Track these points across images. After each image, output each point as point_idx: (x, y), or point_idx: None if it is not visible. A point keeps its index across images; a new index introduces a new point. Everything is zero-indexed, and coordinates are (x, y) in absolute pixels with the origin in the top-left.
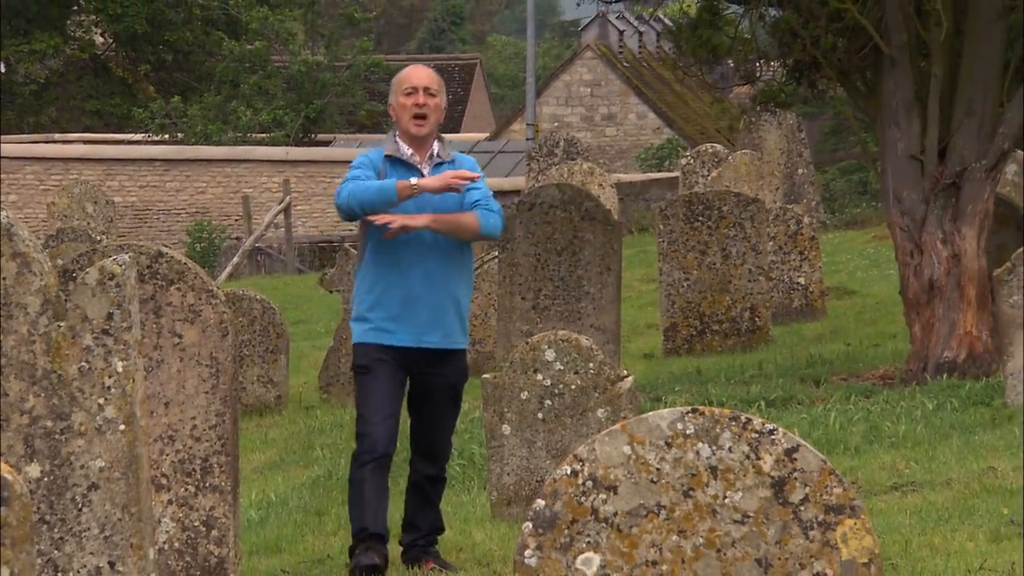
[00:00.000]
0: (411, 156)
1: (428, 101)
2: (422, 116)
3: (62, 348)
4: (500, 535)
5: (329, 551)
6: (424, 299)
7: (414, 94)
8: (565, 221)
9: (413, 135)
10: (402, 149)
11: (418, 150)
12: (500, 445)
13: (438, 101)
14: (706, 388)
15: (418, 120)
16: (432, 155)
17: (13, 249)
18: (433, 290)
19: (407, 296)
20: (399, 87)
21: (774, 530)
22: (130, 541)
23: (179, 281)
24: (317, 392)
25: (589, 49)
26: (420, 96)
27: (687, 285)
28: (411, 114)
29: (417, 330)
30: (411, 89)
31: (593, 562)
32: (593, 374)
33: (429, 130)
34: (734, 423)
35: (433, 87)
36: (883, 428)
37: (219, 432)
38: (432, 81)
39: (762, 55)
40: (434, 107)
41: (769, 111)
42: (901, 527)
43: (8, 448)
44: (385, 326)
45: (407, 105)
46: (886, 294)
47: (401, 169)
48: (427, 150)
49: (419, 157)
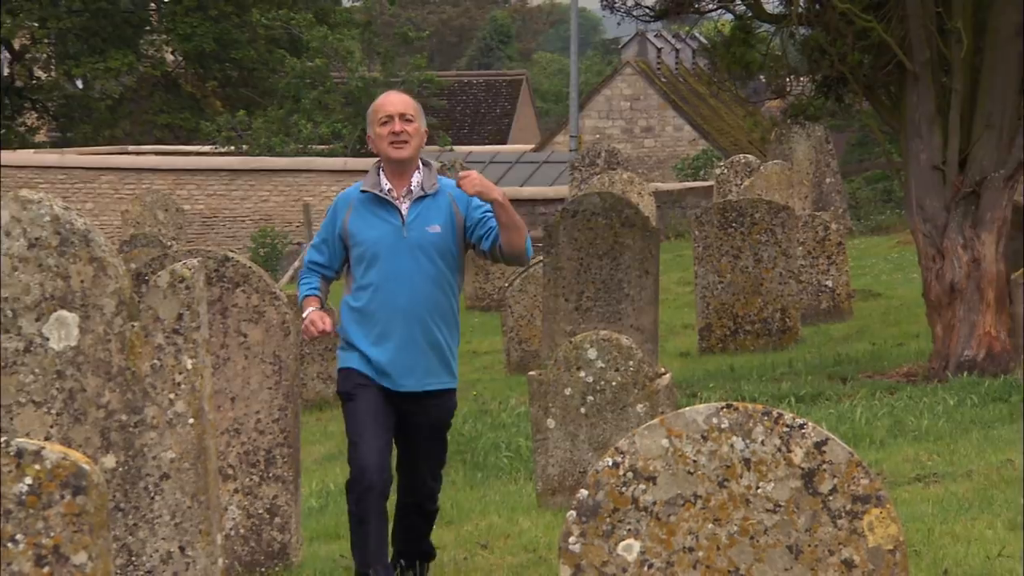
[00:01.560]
0: (388, 192)
1: (406, 127)
2: (402, 141)
3: (136, 346)
4: (545, 523)
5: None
6: (397, 339)
7: (390, 122)
8: (606, 227)
9: (395, 160)
10: (381, 184)
11: (398, 182)
12: (545, 438)
13: (416, 126)
14: (739, 385)
15: (397, 145)
16: (411, 188)
17: (91, 254)
18: (408, 330)
19: (382, 336)
20: (374, 117)
21: (804, 519)
22: (199, 527)
23: (244, 284)
24: None
25: (629, 65)
26: (396, 123)
27: (721, 288)
28: (388, 141)
29: (390, 374)
30: (386, 118)
31: (633, 548)
32: (633, 371)
33: (410, 153)
34: (766, 418)
35: (409, 112)
36: (907, 423)
37: (282, 425)
38: (407, 107)
39: (792, 71)
40: (413, 132)
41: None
42: (924, 516)
43: (86, 440)
44: (363, 361)
45: (384, 134)
46: (909, 296)
47: (375, 207)
48: (407, 181)
49: (396, 192)
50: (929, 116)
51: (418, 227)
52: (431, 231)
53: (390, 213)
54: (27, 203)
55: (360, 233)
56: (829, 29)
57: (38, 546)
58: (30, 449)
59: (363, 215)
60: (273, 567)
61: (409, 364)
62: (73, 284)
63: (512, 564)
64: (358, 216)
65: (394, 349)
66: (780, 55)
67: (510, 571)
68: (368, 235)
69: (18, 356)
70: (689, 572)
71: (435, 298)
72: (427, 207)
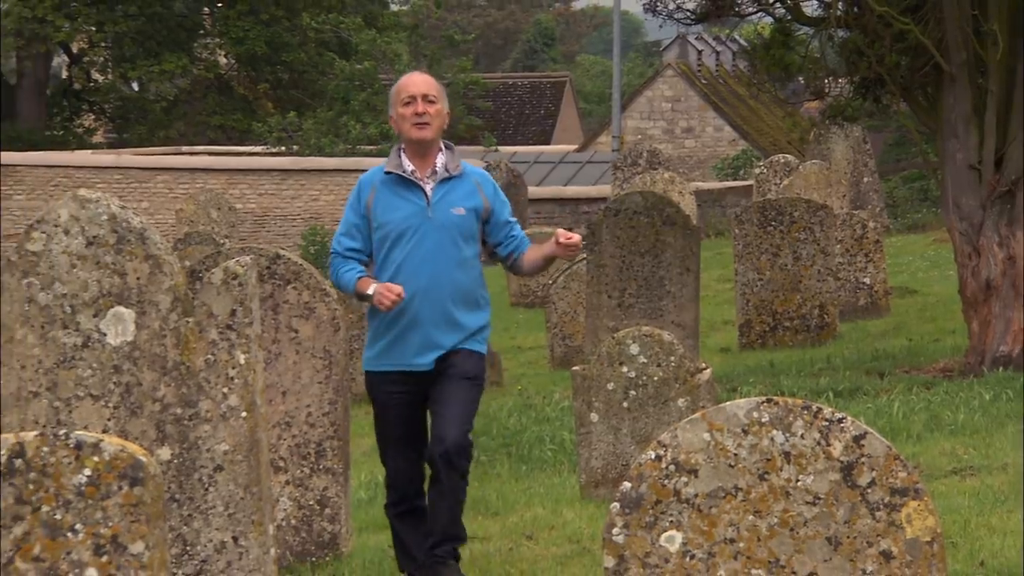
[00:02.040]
0: (412, 173)
1: (428, 108)
2: (424, 123)
3: (190, 342)
4: (589, 514)
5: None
6: (417, 319)
7: (412, 103)
8: (648, 226)
9: (416, 141)
10: (404, 165)
11: (421, 163)
12: (588, 432)
13: (439, 107)
14: (778, 380)
15: (419, 126)
16: (435, 170)
17: (146, 251)
18: (429, 310)
19: (400, 315)
20: (397, 98)
21: (843, 511)
22: (251, 518)
23: (295, 281)
24: None
25: (670, 67)
26: (419, 104)
27: (761, 285)
28: (411, 122)
29: (409, 352)
30: (409, 98)
31: (676, 540)
32: (674, 366)
33: (432, 135)
34: (806, 412)
35: (432, 93)
36: (943, 417)
37: (332, 419)
38: (430, 87)
39: (831, 72)
40: (435, 113)
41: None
42: (960, 508)
43: (142, 433)
44: (385, 350)
45: (406, 115)
46: (946, 293)
47: (399, 188)
48: (430, 163)
49: (420, 172)
50: (965, 116)
51: (443, 208)
52: (455, 213)
53: (415, 194)
54: (85, 202)
55: (384, 214)
56: (867, 31)
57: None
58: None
59: (387, 196)
60: (323, 557)
61: (428, 344)
62: (130, 281)
63: (556, 555)
64: (382, 197)
65: (412, 329)
66: (819, 57)
67: (555, 561)
68: (392, 216)
69: (76, 351)
70: (730, 563)
71: (457, 281)
72: (452, 189)
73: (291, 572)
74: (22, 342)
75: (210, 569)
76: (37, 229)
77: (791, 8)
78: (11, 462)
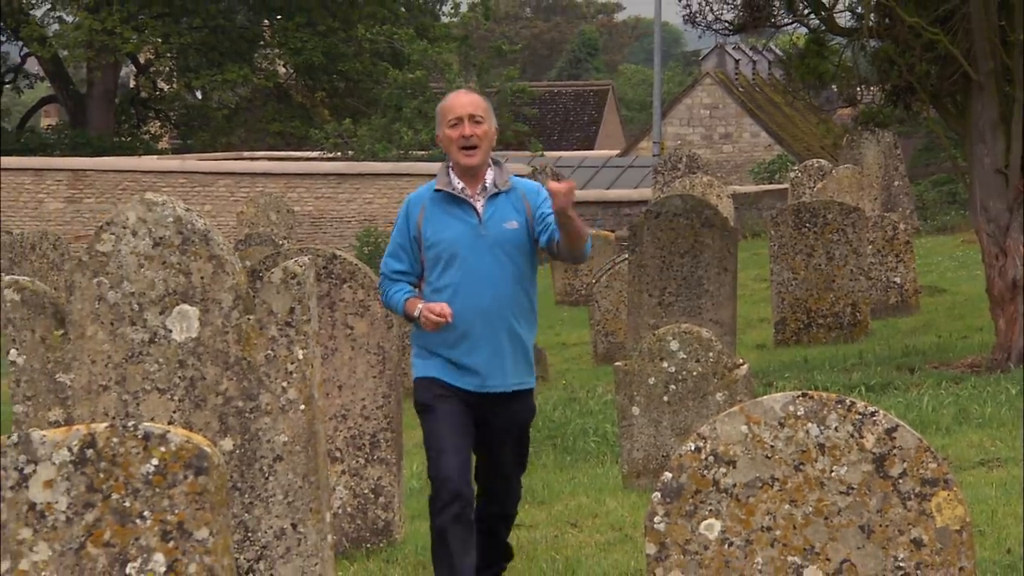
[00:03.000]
0: (462, 190)
1: (475, 130)
2: (471, 147)
3: (251, 338)
4: (631, 503)
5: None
6: (482, 339)
7: (459, 125)
8: (687, 227)
9: (464, 166)
10: (453, 182)
11: (471, 181)
12: (630, 424)
13: (486, 128)
14: (812, 375)
15: (467, 151)
16: (485, 186)
17: (210, 252)
18: (491, 330)
19: (464, 337)
20: (443, 118)
21: (876, 500)
22: (310, 506)
23: (351, 280)
24: None
25: (708, 76)
26: (466, 127)
27: (795, 284)
28: (459, 146)
29: (477, 374)
30: (455, 120)
31: (715, 527)
32: (712, 362)
33: (480, 159)
34: (839, 406)
35: (479, 113)
36: (971, 410)
37: (385, 411)
38: (477, 107)
39: (863, 81)
40: (483, 134)
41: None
42: (988, 498)
43: (205, 424)
44: (444, 366)
45: (454, 137)
46: (973, 292)
47: (449, 206)
48: (480, 180)
49: (471, 190)
50: (992, 123)
51: (495, 224)
52: (508, 227)
53: (465, 212)
54: (152, 205)
55: (436, 234)
56: (898, 42)
57: (164, 522)
58: (156, 433)
59: (437, 215)
60: (378, 543)
61: (496, 364)
62: (194, 280)
63: (600, 542)
64: (432, 216)
65: (479, 350)
66: (851, 66)
67: (598, 548)
68: (444, 235)
69: (144, 347)
70: (767, 550)
71: (516, 296)
72: (502, 204)
73: (347, 558)
74: (92, 338)
75: (270, 555)
76: (107, 231)
77: (825, 19)
78: (83, 452)
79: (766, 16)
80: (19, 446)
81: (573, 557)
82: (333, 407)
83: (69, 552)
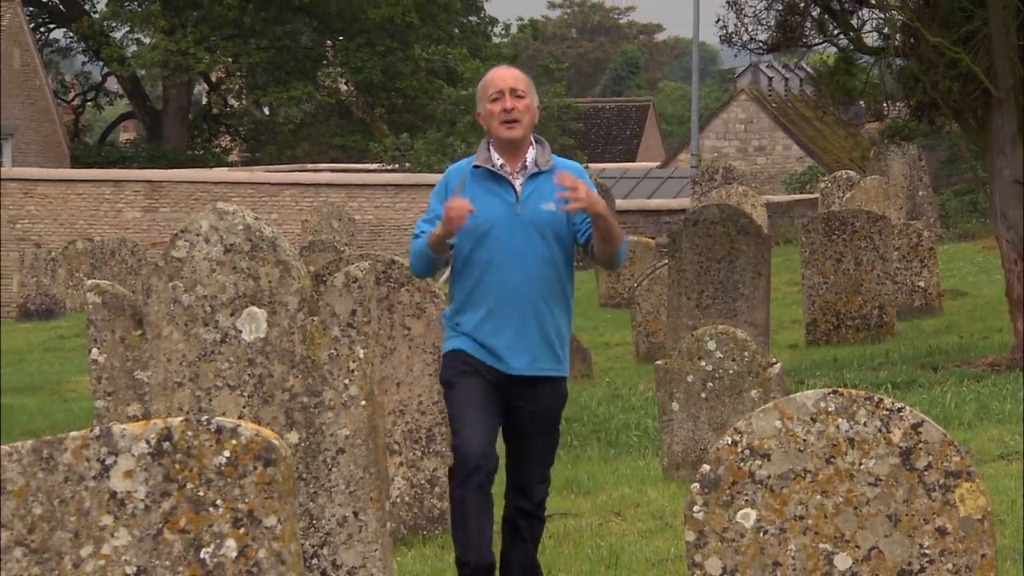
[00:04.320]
0: (501, 167)
1: (517, 104)
2: (513, 120)
3: (315, 338)
4: (671, 493)
5: None
6: (508, 320)
7: (500, 99)
8: (724, 235)
9: (506, 140)
10: (493, 158)
11: (511, 158)
12: (670, 419)
13: (528, 102)
14: (842, 373)
15: (509, 125)
16: (526, 164)
17: (277, 257)
18: (518, 311)
19: (491, 315)
20: (484, 93)
21: (902, 491)
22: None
23: (408, 284)
24: None
25: (743, 92)
26: (507, 100)
27: (825, 288)
28: (500, 120)
29: (501, 356)
30: (497, 94)
31: (750, 516)
32: (747, 361)
33: (522, 133)
34: (868, 402)
35: (520, 87)
36: (992, 407)
37: (440, 407)
38: (519, 81)
39: (889, 97)
40: (524, 108)
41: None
42: (1008, 489)
43: (273, 419)
44: (471, 343)
45: (495, 112)
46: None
47: (488, 182)
48: (520, 158)
49: (510, 167)
50: (1012, 136)
51: (532, 204)
52: (546, 209)
53: (504, 189)
54: (223, 214)
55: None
56: (922, 60)
57: (235, 510)
58: (228, 427)
59: (475, 190)
60: (433, 531)
61: (521, 345)
62: (262, 284)
63: (642, 529)
64: (470, 191)
65: (505, 330)
66: (878, 83)
67: (640, 536)
68: (480, 210)
69: (215, 346)
70: (799, 538)
71: (548, 278)
72: (542, 184)
73: (404, 544)
74: (168, 338)
75: (333, 541)
76: (181, 238)
77: (854, 39)
78: (160, 445)
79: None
80: (101, 439)
81: (617, 544)
82: (391, 403)
83: (147, 538)
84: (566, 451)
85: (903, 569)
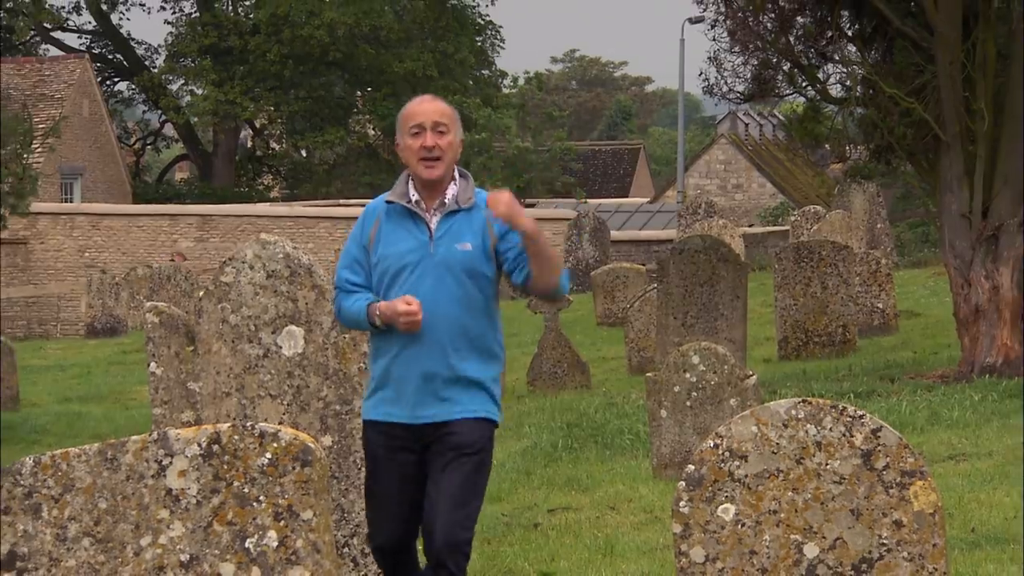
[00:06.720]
0: (416, 204)
1: (439, 140)
2: (433, 159)
3: (346, 353)
4: (660, 490)
5: (535, 501)
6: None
7: (421, 134)
8: (706, 262)
9: (425, 180)
10: (409, 194)
11: (428, 195)
12: (659, 425)
13: (450, 139)
14: (810, 384)
15: (428, 163)
16: (444, 201)
17: (313, 282)
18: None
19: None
20: (404, 125)
21: (864, 488)
22: None
23: None
24: (526, 385)
25: (723, 137)
26: (428, 136)
27: (795, 308)
28: (419, 156)
29: (407, 403)
30: (417, 128)
31: (730, 511)
32: (727, 373)
33: (442, 172)
34: (833, 410)
35: (444, 121)
36: (942, 413)
37: None
38: (442, 115)
39: (851, 141)
40: (447, 146)
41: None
42: (956, 487)
43: (309, 424)
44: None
45: (414, 148)
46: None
47: (403, 220)
48: (439, 195)
49: (427, 204)
50: (959, 176)
51: (446, 243)
52: (460, 249)
53: (418, 227)
54: (265, 244)
55: (384, 247)
56: (880, 109)
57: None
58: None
59: (390, 228)
60: None
61: (428, 392)
62: (300, 305)
63: (634, 522)
64: (385, 229)
65: (409, 378)
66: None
67: (632, 528)
68: (391, 250)
69: (259, 360)
70: (773, 529)
71: (460, 322)
72: (459, 222)
73: None
74: (217, 353)
75: (361, 532)
76: (229, 265)
77: (820, 90)
78: (210, 447)
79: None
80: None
81: (612, 535)
82: None
83: (199, 529)
84: (567, 452)
85: (864, 557)
